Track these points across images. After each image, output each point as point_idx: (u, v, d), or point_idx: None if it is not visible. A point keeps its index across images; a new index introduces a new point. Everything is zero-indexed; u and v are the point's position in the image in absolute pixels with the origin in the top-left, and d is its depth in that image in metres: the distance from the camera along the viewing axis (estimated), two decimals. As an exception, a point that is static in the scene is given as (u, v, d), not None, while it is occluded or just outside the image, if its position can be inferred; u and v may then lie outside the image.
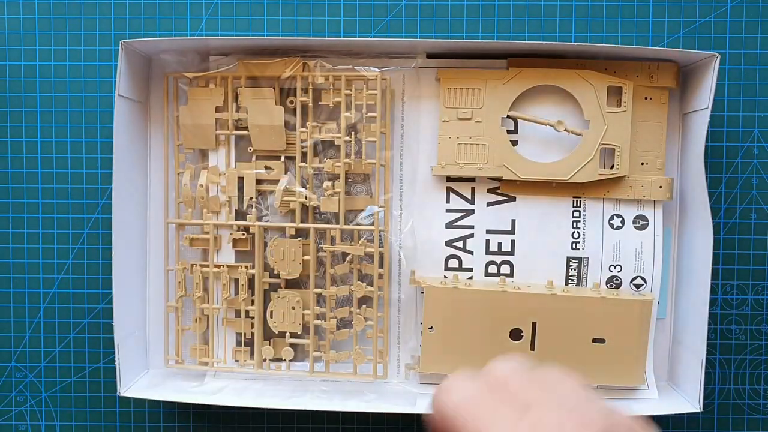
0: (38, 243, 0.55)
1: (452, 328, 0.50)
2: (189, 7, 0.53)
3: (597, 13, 0.53)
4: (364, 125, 0.50)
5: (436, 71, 0.51)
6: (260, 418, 0.55)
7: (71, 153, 0.54)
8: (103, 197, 0.54)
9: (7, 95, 0.54)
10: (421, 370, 0.51)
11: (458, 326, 0.50)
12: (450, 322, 0.50)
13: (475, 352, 0.49)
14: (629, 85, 0.49)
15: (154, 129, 0.53)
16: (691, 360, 0.50)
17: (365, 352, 0.52)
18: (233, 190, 0.51)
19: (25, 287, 0.55)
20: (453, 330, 0.50)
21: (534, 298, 0.49)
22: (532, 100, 0.51)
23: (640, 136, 0.50)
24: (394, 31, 0.53)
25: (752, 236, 0.54)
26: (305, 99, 0.50)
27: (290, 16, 0.53)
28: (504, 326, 0.50)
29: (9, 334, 0.55)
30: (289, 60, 0.50)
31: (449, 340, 0.50)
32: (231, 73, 0.50)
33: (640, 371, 0.50)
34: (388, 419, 0.54)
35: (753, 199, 0.53)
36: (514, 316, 0.49)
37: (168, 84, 0.51)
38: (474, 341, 0.50)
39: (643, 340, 0.50)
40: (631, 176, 0.50)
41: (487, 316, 0.49)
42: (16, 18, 0.54)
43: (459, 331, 0.50)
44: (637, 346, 0.50)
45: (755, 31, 0.53)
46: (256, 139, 0.51)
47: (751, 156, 0.53)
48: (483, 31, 0.53)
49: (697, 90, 0.49)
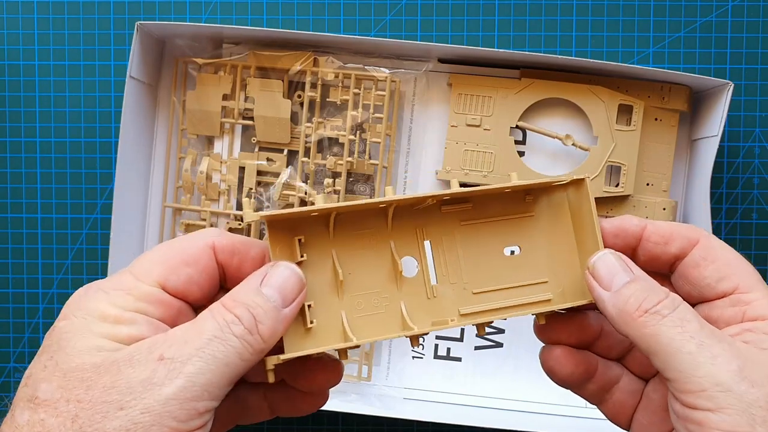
0: (37, 243, 0.54)
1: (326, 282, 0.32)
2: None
3: (598, 12, 0.53)
4: (370, 125, 0.50)
5: (447, 76, 0.51)
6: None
7: (70, 153, 0.54)
8: (102, 197, 0.54)
9: (6, 95, 0.54)
10: (313, 351, 0.30)
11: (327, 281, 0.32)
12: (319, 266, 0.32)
13: (366, 307, 0.32)
14: (640, 104, 0.49)
15: (162, 113, 0.53)
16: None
17: (352, 353, 0.51)
18: (233, 179, 0.51)
19: (24, 287, 0.54)
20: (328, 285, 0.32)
21: (422, 213, 0.33)
22: (542, 112, 0.50)
23: (647, 157, 0.50)
24: (393, 30, 0.53)
25: (753, 236, 0.53)
26: (313, 94, 0.50)
27: (290, 16, 0.53)
28: (389, 259, 0.33)
29: (8, 335, 0.54)
30: (300, 54, 0.50)
31: (327, 305, 0.32)
32: (241, 62, 0.50)
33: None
34: (388, 422, 0.53)
35: (754, 199, 0.53)
36: (403, 241, 0.33)
37: (177, 68, 0.51)
38: (359, 295, 0.32)
39: (588, 235, 0.33)
40: (636, 196, 0.50)
41: (365, 250, 0.33)
42: (15, 18, 0.53)
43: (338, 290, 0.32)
44: (581, 246, 0.33)
45: (757, 31, 0.52)
46: (261, 130, 0.51)
47: (752, 156, 0.53)
48: (483, 30, 0.53)
49: (708, 116, 0.49)
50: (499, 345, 0.52)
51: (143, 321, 0.27)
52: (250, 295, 0.28)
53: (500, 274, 0.33)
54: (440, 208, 0.33)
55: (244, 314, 0.27)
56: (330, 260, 0.32)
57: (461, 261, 0.33)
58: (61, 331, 0.27)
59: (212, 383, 0.26)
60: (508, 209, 0.34)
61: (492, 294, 0.33)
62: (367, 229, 0.32)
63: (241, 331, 0.27)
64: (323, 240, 0.32)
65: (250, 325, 0.27)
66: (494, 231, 0.34)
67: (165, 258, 0.29)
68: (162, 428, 0.25)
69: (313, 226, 0.31)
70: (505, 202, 0.34)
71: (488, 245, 0.33)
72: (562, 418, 0.51)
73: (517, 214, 0.34)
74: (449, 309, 0.33)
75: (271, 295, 0.28)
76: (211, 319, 0.27)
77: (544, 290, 0.33)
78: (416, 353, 0.52)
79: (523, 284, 0.33)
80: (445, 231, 0.33)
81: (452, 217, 0.33)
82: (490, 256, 0.33)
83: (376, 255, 0.32)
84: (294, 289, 0.29)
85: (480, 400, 0.52)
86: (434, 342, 0.52)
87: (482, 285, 0.33)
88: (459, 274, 0.33)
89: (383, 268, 0.32)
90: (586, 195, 0.32)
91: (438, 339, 0.52)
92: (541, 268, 0.34)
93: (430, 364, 0.52)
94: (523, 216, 0.34)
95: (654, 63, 0.53)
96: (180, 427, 0.25)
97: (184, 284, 0.29)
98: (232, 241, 0.30)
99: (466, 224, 0.33)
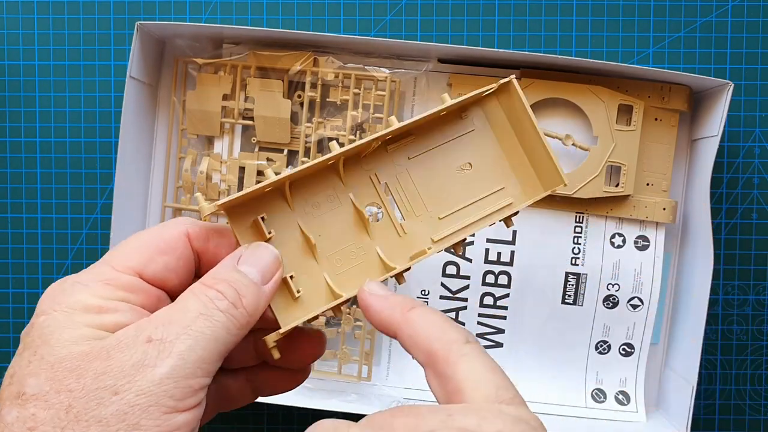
0: (37, 243, 0.54)
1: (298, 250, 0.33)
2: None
3: (598, 12, 0.53)
4: (370, 125, 0.50)
5: (447, 76, 0.51)
6: (260, 418, 0.54)
7: (70, 153, 0.54)
8: (102, 197, 0.54)
9: (6, 95, 0.54)
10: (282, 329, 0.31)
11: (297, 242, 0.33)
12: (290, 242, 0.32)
13: (345, 262, 0.33)
14: (640, 104, 0.49)
15: (162, 113, 0.53)
16: (682, 387, 0.49)
17: (352, 353, 0.51)
18: (233, 179, 0.51)
19: (24, 287, 0.54)
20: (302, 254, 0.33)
21: (371, 159, 0.34)
22: (542, 112, 0.50)
23: (647, 157, 0.50)
24: (393, 30, 0.53)
25: (753, 236, 0.53)
26: (313, 94, 0.50)
27: (290, 16, 0.53)
28: (353, 212, 0.33)
29: (8, 335, 0.54)
30: (300, 54, 0.50)
31: (306, 268, 0.32)
32: (241, 62, 0.50)
33: (552, 171, 0.33)
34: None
35: (754, 199, 0.53)
36: (360, 190, 0.34)
37: (177, 68, 0.51)
38: (335, 254, 0.33)
39: (533, 143, 0.34)
40: (636, 196, 0.50)
41: (328, 210, 0.33)
42: (15, 18, 0.53)
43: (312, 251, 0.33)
44: (525, 144, 0.34)
45: (757, 31, 0.52)
46: (261, 130, 0.51)
47: (752, 156, 0.53)
48: (483, 30, 0.53)
49: (708, 116, 0.49)
50: (499, 345, 0.52)
51: (126, 308, 0.27)
52: (229, 272, 0.28)
53: (459, 194, 0.34)
54: (386, 149, 0.34)
55: (227, 289, 0.27)
56: (297, 229, 0.32)
57: (420, 193, 0.34)
58: (42, 326, 0.26)
59: (204, 359, 0.26)
60: (449, 132, 0.35)
61: (457, 214, 0.34)
62: (323, 188, 0.33)
63: (225, 305, 0.27)
64: (284, 211, 0.32)
65: (234, 298, 0.27)
66: (442, 155, 0.35)
67: (141, 247, 0.29)
68: (160, 408, 0.24)
69: (272, 201, 0.32)
70: (444, 126, 0.35)
71: (441, 170, 0.35)
72: (562, 418, 0.51)
73: (458, 133, 0.35)
74: (423, 240, 0.34)
75: (249, 272, 0.28)
76: (194, 297, 0.27)
77: (504, 196, 0.35)
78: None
79: (482, 196, 0.34)
80: (398, 170, 0.34)
81: (400, 154, 0.34)
82: (446, 179, 0.35)
83: (340, 211, 0.33)
84: (271, 265, 0.29)
85: (480, 400, 0.52)
86: (434, 342, 0.52)
87: (446, 209, 0.34)
88: (422, 205, 0.34)
89: (350, 222, 0.33)
90: (516, 95, 0.33)
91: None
92: (495, 177, 0.35)
93: (430, 364, 0.52)
94: (465, 133, 0.35)
95: (654, 63, 0.53)
96: (177, 405, 0.25)
97: (162, 272, 0.29)
98: (206, 229, 0.30)
99: (414, 157, 0.34)
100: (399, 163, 0.34)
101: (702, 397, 0.54)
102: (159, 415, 0.24)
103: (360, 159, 0.34)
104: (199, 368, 0.25)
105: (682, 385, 0.49)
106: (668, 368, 0.52)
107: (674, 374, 0.51)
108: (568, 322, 0.51)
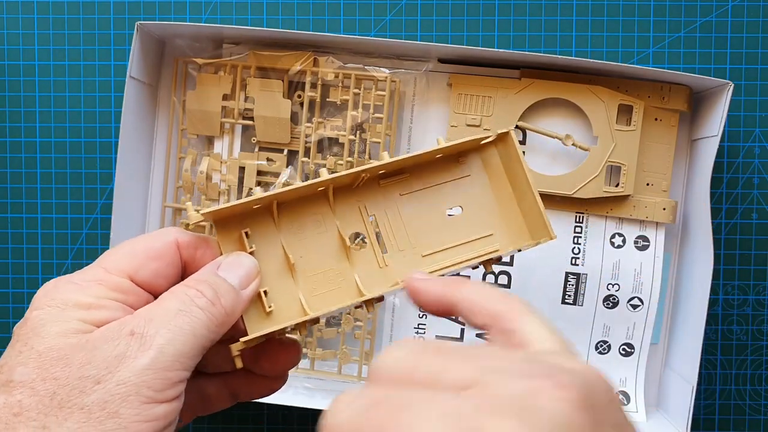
0: (37, 243, 0.54)
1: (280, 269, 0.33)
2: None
3: (598, 12, 0.53)
4: (370, 125, 0.50)
5: (447, 76, 0.51)
6: (260, 418, 0.54)
7: (70, 153, 0.54)
8: (102, 197, 0.54)
9: (6, 95, 0.54)
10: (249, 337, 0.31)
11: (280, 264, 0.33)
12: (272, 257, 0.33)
13: (322, 285, 0.33)
14: (640, 104, 0.49)
15: (162, 113, 0.53)
16: (682, 387, 0.49)
17: (352, 353, 0.51)
18: (233, 179, 0.51)
19: (24, 287, 0.54)
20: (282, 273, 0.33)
21: (362, 190, 0.34)
22: (542, 112, 0.50)
23: (647, 157, 0.50)
24: (393, 30, 0.53)
25: (753, 236, 0.53)
26: (313, 94, 0.50)
27: (290, 16, 0.53)
28: (337, 238, 0.34)
29: (8, 335, 0.54)
30: (300, 54, 0.50)
31: (281, 287, 0.33)
32: (241, 62, 0.50)
33: (541, 224, 0.34)
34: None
35: (754, 199, 0.53)
36: (348, 218, 0.34)
37: (177, 68, 0.51)
38: (313, 276, 0.33)
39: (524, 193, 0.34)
40: (636, 196, 0.50)
41: (313, 232, 0.33)
42: (15, 18, 0.53)
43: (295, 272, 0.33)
44: (518, 194, 0.34)
45: (757, 31, 0.52)
46: (261, 130, 0.51)
47: (752, 156, 0.53)
48: (483, 30, 0.53)
49: (708, 116, 0.49)
50: (499, 345, 0.52)
51: (116, 306, 0.29)
52: (209, 275, 0.30)
53: (446, 235, 0.35)
54: (379, 182, 0.34)
55: (206, 289, 0.29)
56: (280, 247, 0.33)
57: (406, 229, 0.34)
58: (35, 319, 0.27)
59: (182, 353, 0.27)
60: (444, 174, 0.35)
61: (441, 254, 0.34)
62: (311, 211, 0.33)
63: (204, 303, 0.28)
64: (270, 229, 0.33)
65: (213, 297, 0.29)
66: (434, 196, 0.35)
67: (133, 253, 0.31)
68: (139, 398, 0.26)
69: (259, 217, 0.33)
70: (440, 167, 0.35)
71: (430, 210, 0.35)
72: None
73: (453, 176, 0.35)
74: (402, 274, 0.33)
75: (228, 277, 0.30)
76: (174, 296, 0.29)
77: (491, 242, 0.35)
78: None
79: (469, 240, 0.34)
80: (388, 204, 0.34)
81: (392, 189, 0.35)
82: (434, 219, 0.35)
83: (324, 235, 0.34)
84: (249, 273, 0.31)
85: (480, 400, 0.52)
86: (434, 342, 0.52)
87: (431, 248, 0.34)
88: (407, 240, 0.34)
89: (333, 247, 0.34)
90: (513, 147, 0.34)
91: (438, 338, 0.52)
92: (485, 223, 0.35)
93: (430, 364, 0.52)
94: (460, 178, 0.35)
95: (654, 63, 0.53)
96: (156, 396, 0.26)
97: (152, 277, 0.30)
98: (194, 239, 0.32)
99: (406, 194, 0.35)
100: (390, 198, 0.34)
101: (702, 397, 0.54)
102: (138, 405, 0.26)
103: (352, 188, 0.34)
104: (177, 361, 0.27)
105: (682, 385, 0.49)
106: (668, 368, 0.52)
107: (674, 374, 0.51)
108: (568, 322, 0.51)
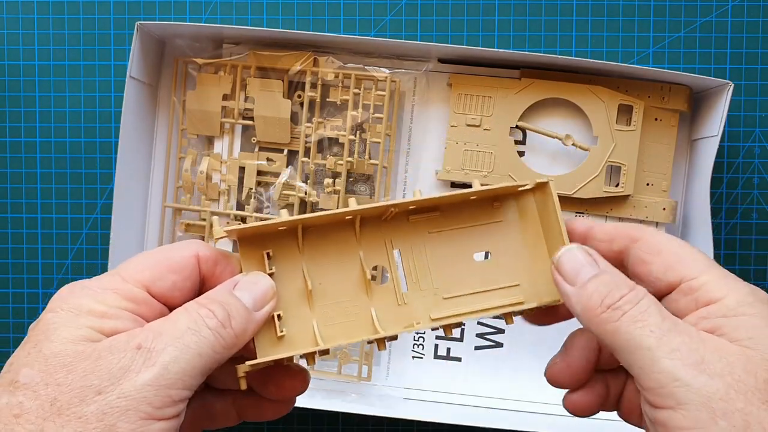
0: (37, 243, 0.54)
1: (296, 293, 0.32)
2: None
3: (598, 12, 0.53)
4: (370, 125, 0.50)
5: (447, 76, 0.51)
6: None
7: (70, 153, 0.54)
8: (102, 197, 0.54)
9: (6, 95, 0.54)
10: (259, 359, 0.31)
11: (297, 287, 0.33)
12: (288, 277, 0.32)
13: (337, 315, 0.33)
14: (640, 104, 0.49)
15: (162, 113, 0.53)
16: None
17: (352, 353, 0.51)
18: (233, 179, 0.51)
19: (24, 287, 0.54)
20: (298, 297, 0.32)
21: (390, 223, 0.33)
22: (542, 112, 0.50)
23: (647, 157, 0.50)
24: (393, 30, 0.53)
25: (753, 236, 0.53)
26: (313, 94, 0.50)
27: (290, 16, 0.53)
28: (359, 269, 0.33)
29: (8, 335, 0.54)
30: (300, 54, 0.50)
31: (299, 316, 0.32)
32: (241, 62, 0.50)
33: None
34: (388, 422, 0.53)
35: (754, 199, 0.53)
36: (372, 251, 0.33)
37: (177, 68, 0.51)
38: (330, 305, 0.33)
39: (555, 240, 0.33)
40: (636, 196, 0.50)
41: (335, 260, 0.33)
42: (15, 18, 0.53)
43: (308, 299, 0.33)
44: (551, 247, 0.33)
45: (757, 31, 0.52)
46: (261, 130, 0.51)
47: (752, 156, 0.53)
48: (483, 30, 0.53)
49: (708, 116, 0.49)
50: (500, 345, 0.52)
51: (128, 317, 0.28)
52: (223, 295, 0.29)
53: (471, 280, 0.33)
54: (408, 218, 0.33)
55: (218, 309, 0.28)
56: (300, 272, 0.32)
57: (431, 268, 0.33)
58: (48, 322, 0.27)
59: (186, 372, 0.27)
60: (477, 216, 0.34)
61: (463, 298, 0.33)
62: (336, 239, 0.33)
63: (214, 323, 0.28)
64: (292, 252, 0.32)
65: (224, 318, 0.28)
66: (463, 238, 0.34)
67: (153, 264, 0.30)
68: (138, 413, 0.25)
69: (283, 239, 0.32)
70: (473, 209, 0.34)
71: (458, 252, 0.34)
72: (562, 418, 0.51)
73: (485, 220, 0.34)
74: (420, 314, 0.33)
75: (243, 297, 0.30)
76: (186, 313, 0.28)
77: (516, 293, 0.33)
78: (416, 353, 0.52)
79: (494, 288, 0.33)
80: (415, 241, 0.33)
81: (420, 227, 0.34)
82: (460, 262, 0.34)
83: (346, 265, 0.33)
84: (265, 294, 0.30)
85: (480, 400, 0.52)
86: (434, 342, 0.52)
87: (453, 291, 0.33)
88: (429, 280, 0.33)
89: (353, 278, 0.33)
90: (550, 196, 0.32)
91: (438, 339, 0.52)
92: (512, 272, 0.34)
93: (430, 364, 0.52)
94: (492, 222, 0.34)
95: (654, 63, 0.53)
96: (155, 414, 0.26)
97: (169, 289, 0.30)
98: (215, 254, 0.31)
99: (434, 233, 0.34)
100: (418, 235, 0.33)
101: (702, 397, 0.54)
102: (136, 420, 0.25)
103: (380, 221, 0.33)
104: (180, 380, 0.26)
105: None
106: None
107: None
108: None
